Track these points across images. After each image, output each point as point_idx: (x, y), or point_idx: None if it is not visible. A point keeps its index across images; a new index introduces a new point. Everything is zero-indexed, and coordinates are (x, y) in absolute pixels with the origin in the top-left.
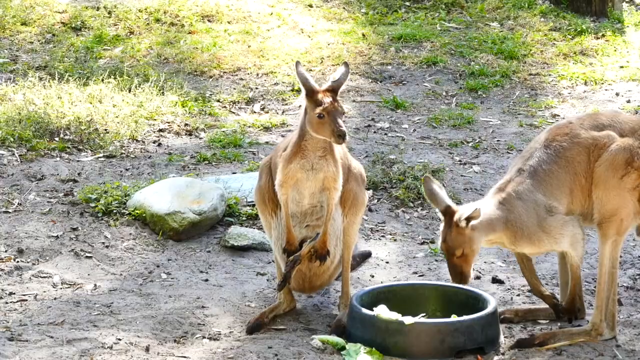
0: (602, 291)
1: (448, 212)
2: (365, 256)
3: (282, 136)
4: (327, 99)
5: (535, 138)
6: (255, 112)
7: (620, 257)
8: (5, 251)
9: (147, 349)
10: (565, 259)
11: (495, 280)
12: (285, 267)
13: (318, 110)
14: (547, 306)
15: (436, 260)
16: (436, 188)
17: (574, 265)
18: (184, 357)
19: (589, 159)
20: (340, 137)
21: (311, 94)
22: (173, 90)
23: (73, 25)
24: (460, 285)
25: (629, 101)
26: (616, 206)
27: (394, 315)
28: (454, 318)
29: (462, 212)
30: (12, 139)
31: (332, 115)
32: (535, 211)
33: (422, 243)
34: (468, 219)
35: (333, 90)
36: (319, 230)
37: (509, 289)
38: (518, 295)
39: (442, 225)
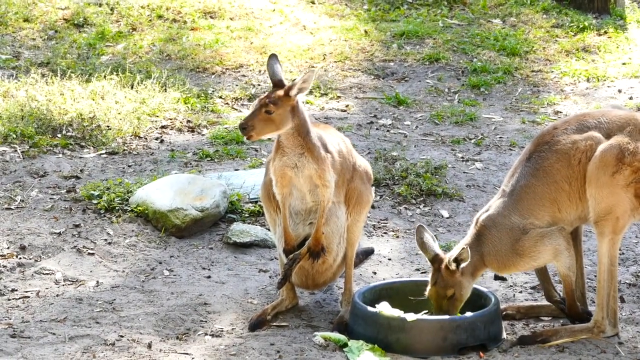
0: (602, 289)
1: (436, 260)
2: (368, 253)
3: None
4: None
5: (524, 150)
6: None
7: (623, 254)
8: (8, 248)
9: (149, 346)
10: (571, 250)
11: (497, 277)
12: (285, 265)
13: None
14: (549, 303)
15: None
16: (427, 237)
17: (562, 274)
18: (187, 353)
19: (570, 163)
20: (239, 128)
21: (273, 86)
22: (175, 87)
23: (75, 22)
24: None
25: (631, 98)
26: (610, 204)
27: (396, 312)
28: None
29: (449, 255)
30: (14, 136)
31: (252, 108)
32: (509, 236)
33: None
34: (457, 261)
35: (285, 89)
36: (322, 229)
37: (511, 285)
38: (520, 292)
39: (431, 273)
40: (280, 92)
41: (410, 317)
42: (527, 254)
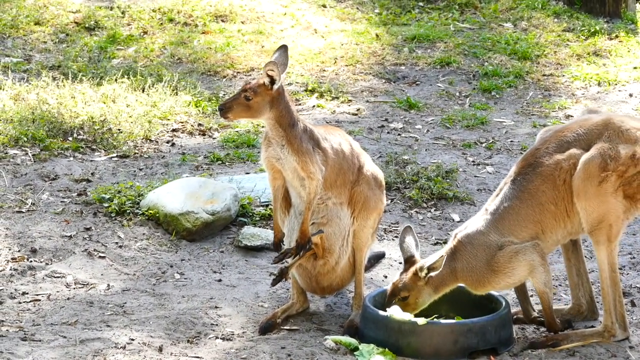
0: (607, 295)
1: (409, 261)
2: (379, 257)
3: None
4: None
5: (509, 171)
6: None
7: (633, 258)
8: (19, 251)
9: (160, 349)
10: (572, 261)
11: None
12: (275, 258)
13: None
14: (560, 307)
15: None
16: (410, 239)
17: (539, 290)
18: (197, 357)
19: (555, 184)
20: (218, 109)
21: None
22: (186, 90)
23: (86, 25)
24: None
25: None
26: (602, 213)
27: (407, 316)
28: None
29: (424, 261)
30: (25, 139)
31: (234, 93)
32: (484, 253)
33: (436, 244)
34: (430, 269)
35: (265, 77)
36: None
37: None
38: (531, 295)
39: (400, 272)
40: (259, 80)
41: (421, 320)
42: (502, 270)
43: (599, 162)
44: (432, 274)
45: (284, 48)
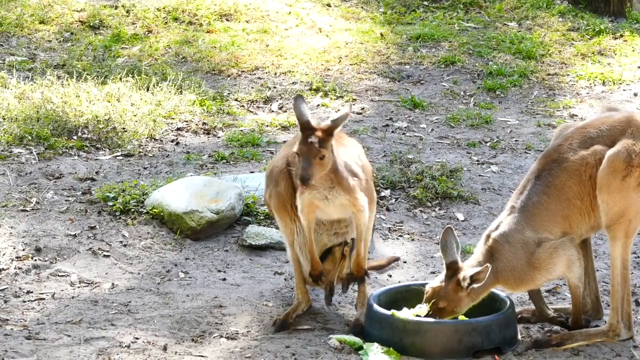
0: (616, 293)
1: (452, 267)
2: (392, 260)
3: None
4: (307, 140)
5: (530, 168)
6: (273, 111)
7: (638, 257)
8: (23, 250)
9: (164, 348)
10: (582, 260)
11: None
12: (325, 300)
13: (294, 149)
14: (565, 306)
15: None
16: (451, 242)
17: (573, 285)
18: (202, 356)
19: (581, 179)
20: (300, 181)
21: (303, 129)
22: (191, 89)
23: (91, 24)
24: None
25: None
26: (623, 207)
27: (417, 309)
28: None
29: (467, 272)
30: (30, 138)
31: (304, 157)
32: (524, 251)
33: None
34: (472, 279)
35: (326, 130)
36: (347, 237)
37: None
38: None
39: (441, 275)
40: (321, 134)
41: (426, 319)
42: (543, 266)
43: (625, 156)
44: (475, 285)
45: (300, 99)
